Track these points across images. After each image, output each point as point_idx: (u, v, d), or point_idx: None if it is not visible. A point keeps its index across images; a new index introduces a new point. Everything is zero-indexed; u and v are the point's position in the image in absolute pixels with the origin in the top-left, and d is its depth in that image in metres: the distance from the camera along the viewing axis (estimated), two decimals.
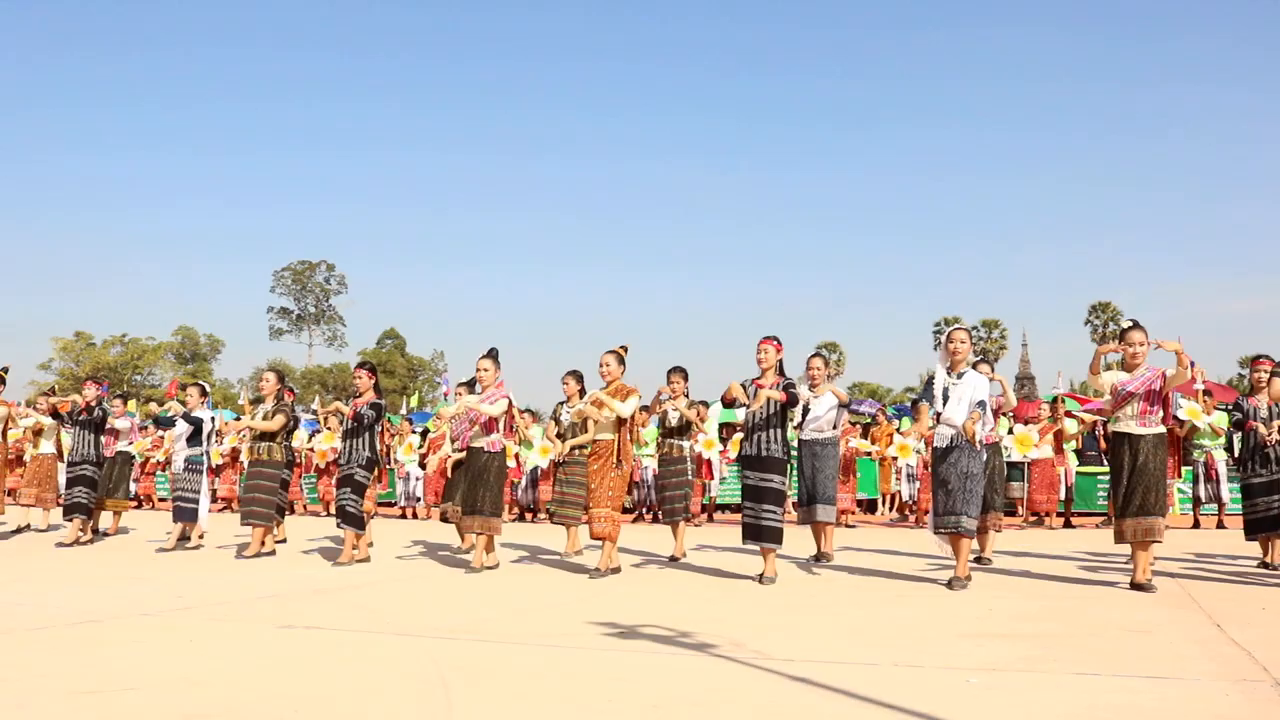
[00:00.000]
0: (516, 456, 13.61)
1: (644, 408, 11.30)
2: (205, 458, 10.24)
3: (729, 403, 7.59)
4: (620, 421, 7.85)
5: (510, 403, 8.28)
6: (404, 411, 19.97)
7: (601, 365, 8.01)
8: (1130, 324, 7.06)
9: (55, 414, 11.74)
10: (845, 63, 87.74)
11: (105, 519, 11.86)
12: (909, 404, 15.27)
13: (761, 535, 7.40)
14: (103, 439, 11.18)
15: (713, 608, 6.13)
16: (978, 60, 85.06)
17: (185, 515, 9.89)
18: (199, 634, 5.19)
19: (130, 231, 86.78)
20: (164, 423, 12.35)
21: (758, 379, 7.60)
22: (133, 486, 13.99)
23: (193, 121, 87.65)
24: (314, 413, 18.17)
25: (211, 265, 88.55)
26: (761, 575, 7.37)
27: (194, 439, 10.07)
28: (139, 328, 65.57)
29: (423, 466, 14.77)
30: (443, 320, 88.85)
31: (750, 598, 6.63)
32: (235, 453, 15.54)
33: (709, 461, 14.58)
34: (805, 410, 8.74)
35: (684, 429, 9.25)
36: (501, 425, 8.16)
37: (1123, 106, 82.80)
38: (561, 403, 9.78)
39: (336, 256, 71.46)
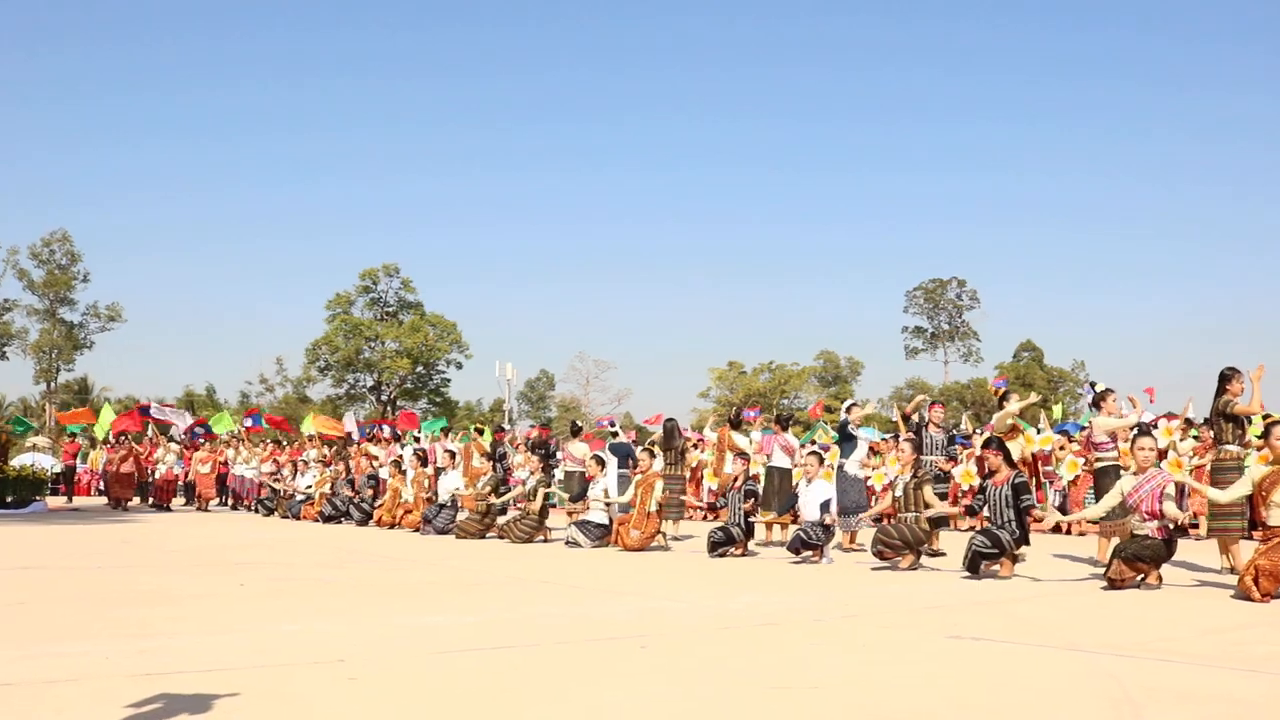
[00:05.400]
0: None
1: None
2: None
3: None
4: None
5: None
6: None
7: None
8: None
9: None
10: None
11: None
12: None
13: None
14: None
15: None
16: None
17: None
18: (871, 640, 5.41)
19: (765, 256, 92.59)
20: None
21: None
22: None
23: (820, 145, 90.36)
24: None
25: (847, 288, 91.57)
26: None
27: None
28: (784, 354, 70.52)
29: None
30: (1082, 330, 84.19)
31: None
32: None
33: None
34: None
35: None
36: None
37: None
38: None
39: (966, 271, 70.11)
